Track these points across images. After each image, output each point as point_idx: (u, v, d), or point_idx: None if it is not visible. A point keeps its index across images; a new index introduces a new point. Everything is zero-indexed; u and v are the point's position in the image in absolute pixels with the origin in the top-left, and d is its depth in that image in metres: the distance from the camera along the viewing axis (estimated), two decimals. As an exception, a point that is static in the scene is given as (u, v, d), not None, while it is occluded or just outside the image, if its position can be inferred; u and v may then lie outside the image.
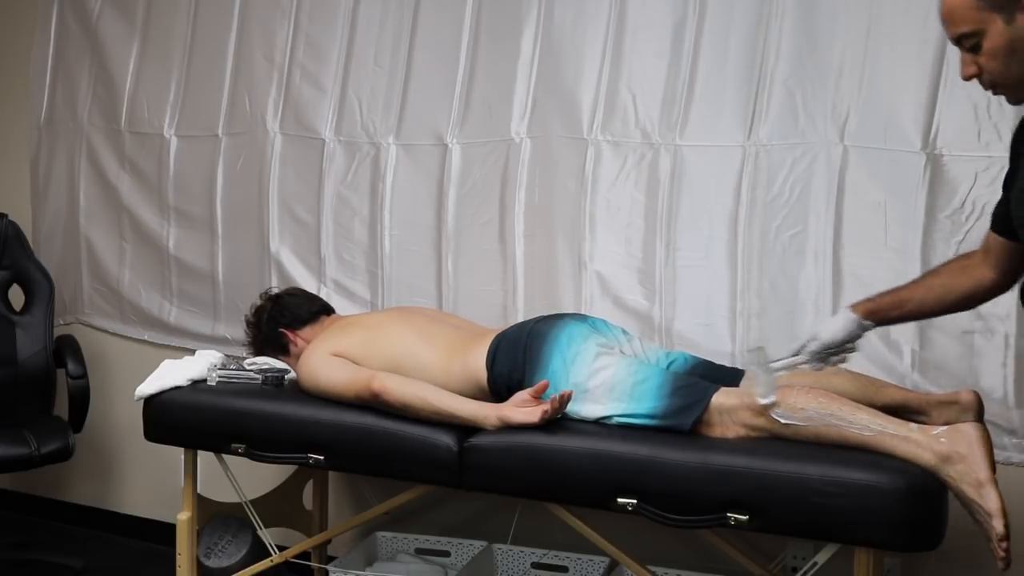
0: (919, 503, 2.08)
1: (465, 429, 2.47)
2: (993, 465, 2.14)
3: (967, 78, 1.81)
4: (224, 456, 2.78)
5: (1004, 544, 2.07)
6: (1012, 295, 2.48)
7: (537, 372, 2.49)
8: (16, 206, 3.80)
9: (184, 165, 3.55)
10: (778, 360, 2.22)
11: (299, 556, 2.86)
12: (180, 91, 3.56)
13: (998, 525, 2.06)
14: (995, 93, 1.83)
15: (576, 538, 2.55)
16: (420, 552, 3.07)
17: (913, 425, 2.18)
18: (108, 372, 3.74)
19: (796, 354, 2.22)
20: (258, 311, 2.96)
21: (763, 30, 2.72)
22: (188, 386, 2.79)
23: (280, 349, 2.92)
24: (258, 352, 2.95)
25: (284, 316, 2.92)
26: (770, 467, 2.15)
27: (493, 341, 2.60)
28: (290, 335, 2.90)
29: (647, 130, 2.86)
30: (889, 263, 2.59)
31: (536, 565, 2.95)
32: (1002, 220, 2.01)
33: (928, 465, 2.11)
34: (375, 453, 2.54)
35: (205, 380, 2.82)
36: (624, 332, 2.66)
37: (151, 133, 3.60)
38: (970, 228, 2.52)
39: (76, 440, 3.35)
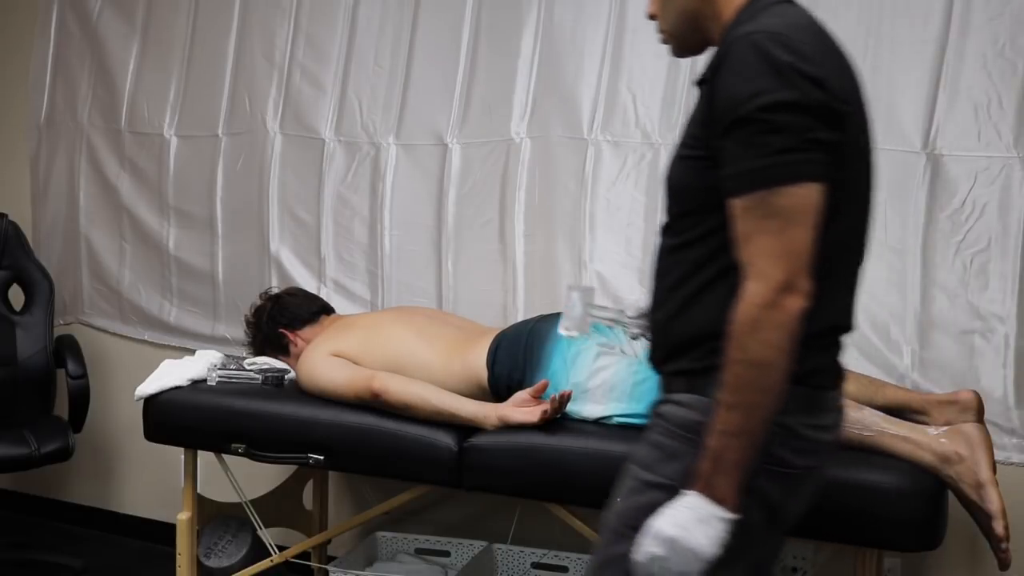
0: (919, 503, 2.08)
1: (465, 429, 2.47)
2: (993, 466, 2.15)
3: (649, 17, 1.61)
4: (224, 456, 2.78)
5: (1004, 545, 2.07)
6: (1012, 297, 2.49)
7: (537, 372, 2.49)
8: (16, 206, 3.79)
9: (184, 165, 3.54)
10: (602, 307, 2.12)
11: (299, 556, 2.86)
12: (180, 91, 3.55)
13: (998, 526, 2.06)
14: (664, 42, 1.60)
15: (576, 538, 2.55)
16: (420, 552, 3.06)
17: (913, 425, 2.18)
18: (108, 372, 3.73)
19: (621, 311, 2.05)
20: (258, 311, 2.96)
21: (763, 30, 2.71)
22: (188, 386, 2.79)
23: (280, 349, 2.92)
24: (258, 352, 2.95)
25: (284, 316, 2.92)
26: (770, 467, 2.15)
27: (493, 341, 2.60)
28: (290, 335, 2.90)
29: (647, 130, 2.85)
30: (889, 263, 2.59)
31: (536, 565, 2.95)
32: None
33: (928, 465, 2.11)
34: (375, 453, 2.54)
35: (205, 380, 2.82)
36: (625, 331, 2.66)
37: (151, 133, 3.60)
38: (970, 228, 2.52)
39: (76, 440, 3.35)
